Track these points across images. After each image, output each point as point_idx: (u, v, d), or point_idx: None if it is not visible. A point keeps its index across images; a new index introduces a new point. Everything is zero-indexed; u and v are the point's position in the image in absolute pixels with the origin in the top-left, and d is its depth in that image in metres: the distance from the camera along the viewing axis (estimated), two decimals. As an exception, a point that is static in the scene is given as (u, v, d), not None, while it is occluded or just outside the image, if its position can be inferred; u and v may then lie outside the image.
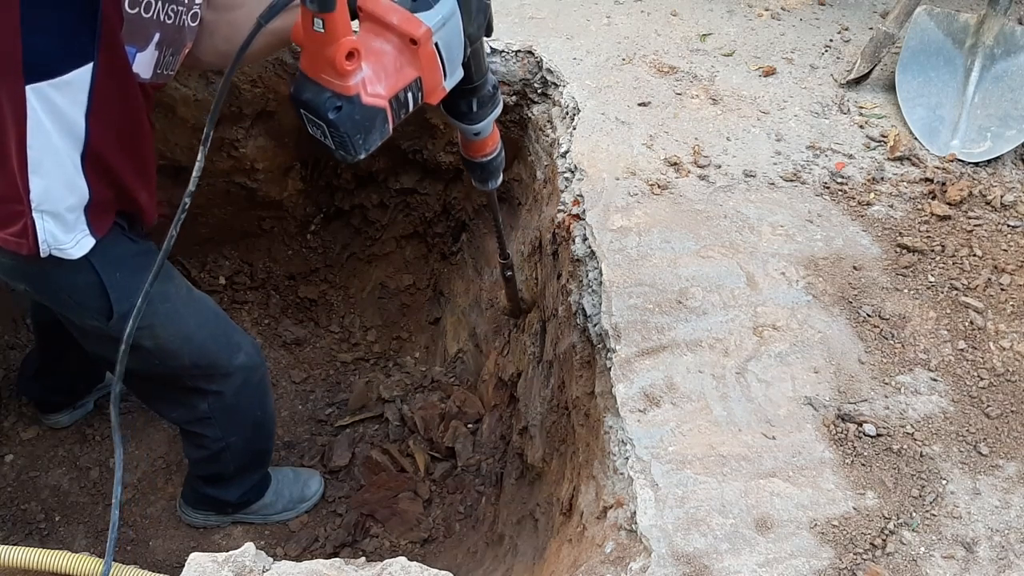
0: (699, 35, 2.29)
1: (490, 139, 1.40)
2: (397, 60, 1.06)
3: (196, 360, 1.68)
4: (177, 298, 1.62)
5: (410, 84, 1.08)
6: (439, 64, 1.10)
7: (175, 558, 2.18)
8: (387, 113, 1.08)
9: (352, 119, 1.05)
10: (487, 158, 1.44)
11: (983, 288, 1.70)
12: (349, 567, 1.26)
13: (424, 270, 2.78)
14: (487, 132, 1.37)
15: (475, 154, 1.43)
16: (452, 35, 1.08)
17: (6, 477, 2.26)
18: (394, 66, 1.06)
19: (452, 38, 1.09)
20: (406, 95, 1.09)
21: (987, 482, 1.38)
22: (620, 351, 1.52)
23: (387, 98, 1.06)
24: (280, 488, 2.25)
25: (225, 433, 1.88)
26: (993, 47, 2.08)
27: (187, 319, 1.64)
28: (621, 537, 1.31)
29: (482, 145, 1.41)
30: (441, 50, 1.09)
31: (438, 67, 1.10)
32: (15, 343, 2.47)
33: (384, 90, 1.06)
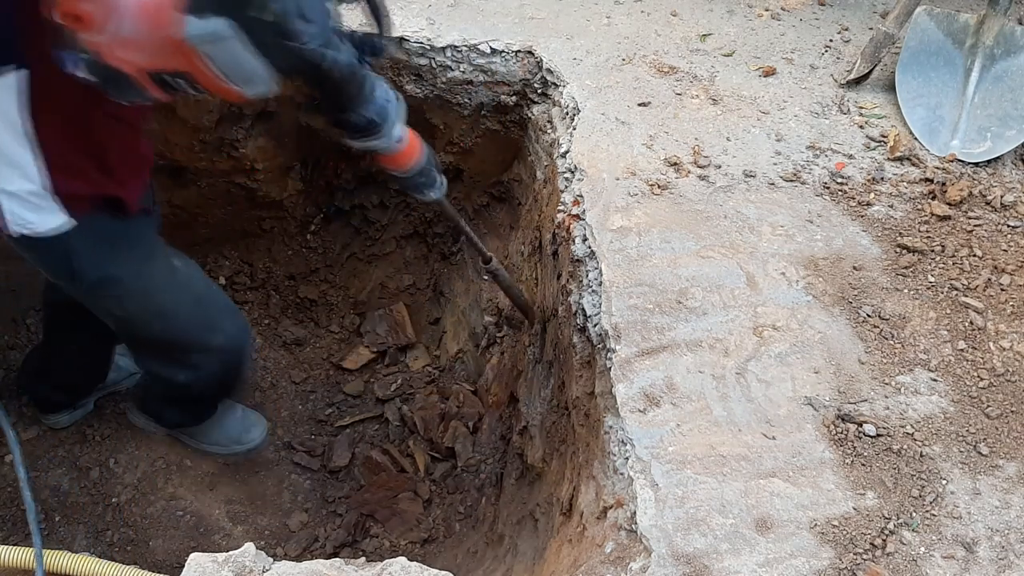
0: (699, 35, 2.29)
1: (412, 147, 1.36)
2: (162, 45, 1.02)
3: (170, 336, 1.76)
4: (152, 277, 1.67)
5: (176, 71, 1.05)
6: (213, 72, 1.05)
7: (175, 558, 2.18)
8: (139, 81, 1.06)
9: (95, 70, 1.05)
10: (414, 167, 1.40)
11: (983, 288, 1.70)
12: (349, 567, 1.26)
13: (424, 270, 2.78)
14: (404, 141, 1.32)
15: (400, 165, 1.39)
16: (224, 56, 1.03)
17: (6, 477, 2.26)
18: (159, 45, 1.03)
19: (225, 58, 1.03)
20: (174, 79, 1.07)
21: (987, 482, 1.38)
22: (620, 351, 1.52)
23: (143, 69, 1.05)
24: (221, 421, 2.27)
25: (192, 381, 1.94)
26: (993, 47, 2.08)
27: (162, 297, 1.70)
28: (621, 537, 1.31)
29: (405, 156, 1.37)
30: (213, 62, 1.04)
31: (211, 74, 1.05)
32: (15, 343, 2.47)
33: (140, 60, 1.04)
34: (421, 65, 2.13)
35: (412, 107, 2.23)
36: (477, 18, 2.20)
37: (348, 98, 1.21)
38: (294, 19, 1.01)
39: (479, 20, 2.19)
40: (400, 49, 2.12)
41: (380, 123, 1.27)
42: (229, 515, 2.30)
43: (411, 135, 1.35)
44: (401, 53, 2.12)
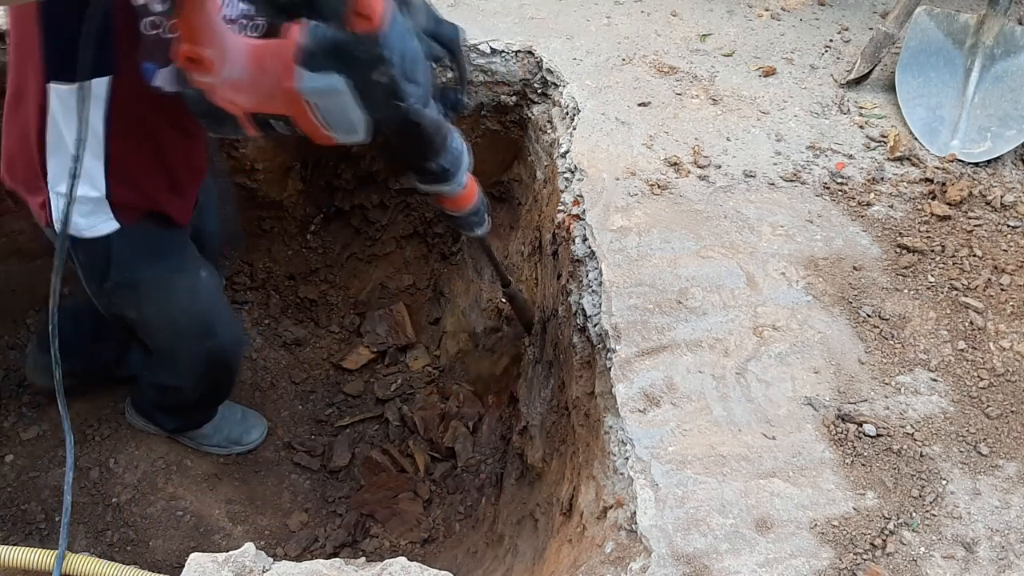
0: (699, 35, 2.29)
1: (470, 191, 1.44)
2: (273, 90, 1.09)
3: (168, 337, 1.83)
4: (176, 288, 1.72)
5: (277, 115, 1.13)
6: (314, 119, 1.12)
7: (175, 558, 2.18)
8: (240, 121, 1.14)
9: (199, 105, 1.12)
10: (470, 208, 1.48)
11: (983, 288, 1.70)
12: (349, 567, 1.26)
13: (424, 270, 2.77)
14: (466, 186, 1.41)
15: (459, 207, 1.47)
16: (332, 107, 1.10)
17: (6, 477, 2.26)
18: (267, 92, 1.10)
19: (332, 109, 1.10)
20: (269, 120, 1.14)
21: (987, 482, 1.38)
22: (620, 351, 1.52)
23: (246, 111, 1.12)
24: (221, 424, 2.30)
25: (184, 385, 2.00)
26: (993, 47, 2.08)
27: (178, 307, 1.75)
28: (621, 537, 1.31)
29: (464, 199, 1.45)
30: (319, 112, 1.11)
31: (313, 121, 1.12)
32: (15, 343, 2.47)
33: (244, 103, 1.11)
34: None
35: (412, 107, 2.25)
36: (477, 18, 2.20)
37: (430, 148, 1.27)
38: (403, 81, 1.08)
39: (479, 20, 2.19)
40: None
41: (452, 171, 1.34)
42: (229, 515, 2.30)
43: (470, 180, 1.44)
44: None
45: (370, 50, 1.03)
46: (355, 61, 1.05)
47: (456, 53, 1.22)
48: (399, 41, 1.06)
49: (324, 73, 1.06)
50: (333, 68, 1.06)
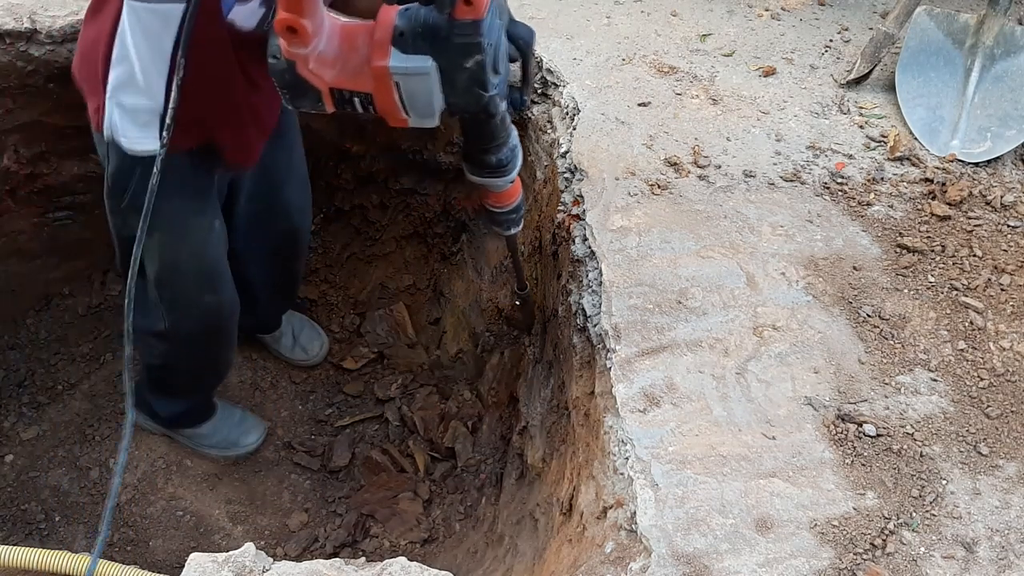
0: (699, 35, 2.29)
1: (515, 188, 1.47)
2: (361, 67, 1.12)
3: (171, 280, 1.81)
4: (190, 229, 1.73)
5: (358, 92, 1.15)
6: (396, 99, 1.14)
7: (175, 558, 2.18)
8: (323, 95, 1.15)
9: (282, 76, 1.14)
10: (512, 204, 1.52)
11: (983, 288, 1.70)
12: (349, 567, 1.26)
13: (424, 270, 2.77)
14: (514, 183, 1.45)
15: (503, 202, 1.50)
16: (417, 88, 1.12)
17: (6, 477, 2.26)
18: (355, 68, 1.12)
19: (416, 91, 1.13)
20: (351, 96, 1.15)
21: (987, 482, 1.38)
22: (620, 351, 1.52)
23: (329, 85, 1.13)
24: (219, 425, 2.30)
25: (175, 355, 1.99)
26: (993, 47, 2.08)
27: (185, 248, 1.76)
28: (621, 537, 1.31)
29: (509, 194, 1.48)
30: (402, 92, 1.13)
31: (394, 101, 1.14)
32: (15, 343, 2.47)
33: (330, 77, 1.13)
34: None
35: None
36: (477, 18, 2.19)
37: (492, 140, 1.32)
38: (490, 71, 1.12)
39: (479, 20, 2.19)
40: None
41: (509, 167, 1.39)
42: (229, 515, 2.30)
43: (518, 178, 1.47)
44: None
45: (468, 37, 1.06)
46: (450, 46, 1.08)
47: (526, 54, 1.25)
48: (495, 32, 1.09)
49: (416, 55, 1.09)
50: (426, 51, 1.09)
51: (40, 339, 2.49)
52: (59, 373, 2.45)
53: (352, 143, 2.47)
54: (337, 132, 2.41)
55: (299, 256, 2.31)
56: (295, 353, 2.55)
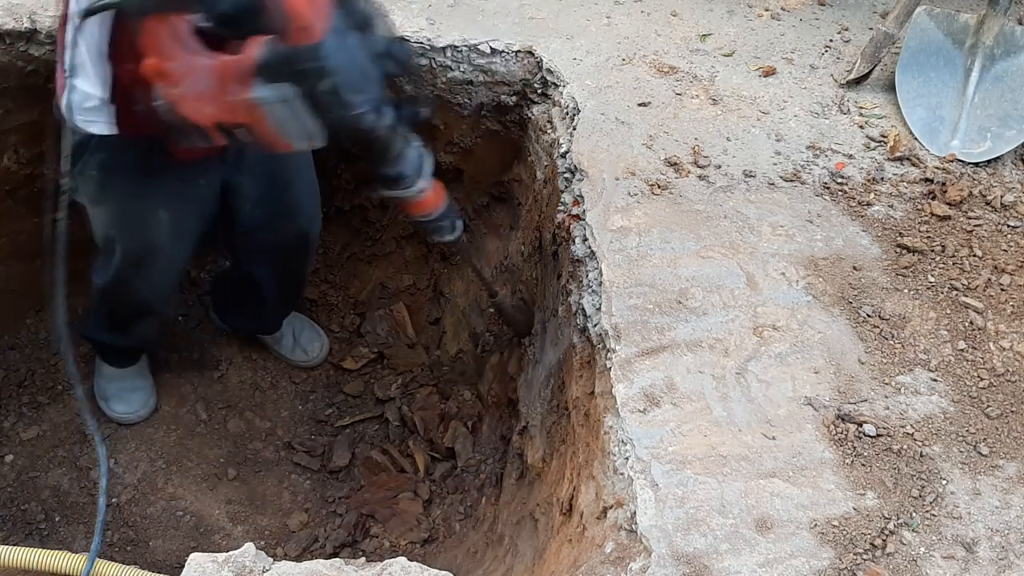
0: (699, 35, 2.29)
1: (433, 196, 1.52)
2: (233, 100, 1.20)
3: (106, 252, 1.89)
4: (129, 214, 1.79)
5: (238, 124, 1.23)
6: (270, 127, 1.21)
7: (175, 558, 2.18)
8: (208, 131, 1.25)
9: (168, 116, 1.23)
10: (436, 213, 1.56)
11: (983, 288, 1.70)
12: (349, 567, 1.26)
13: (424, 270, 2.77)
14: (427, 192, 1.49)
15: (423, 212, 1.55)
16: (284, 115, 1.19)
17: (6, 477, 2.26)
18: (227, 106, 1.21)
19: (284, 117, 1.20)
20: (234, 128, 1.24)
21: (987, 482, 1.38)
22: (620, 351, 1.52)
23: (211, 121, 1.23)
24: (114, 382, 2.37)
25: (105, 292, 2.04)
26: (993, 47, 2.08)
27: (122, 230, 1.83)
28: (621, 537, 1.31)
29: (426, 204, 1.53)
30: (274, 121, 1.20)
31: (269, 128, 1.21)
32: (15, 343, 2.47)
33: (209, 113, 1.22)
34: (421, 65, 2.13)
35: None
36: (477, 18, 2.20)
37: (385, 155, 1.38)
38: (347, 91, 1.17)
39: (479, 20, 2.19)
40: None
41: (411, 178, 1.44)
42: (229, 515, 2.30)
43: (436, 186, 1.51)
44: (401, 53, 2.12)
45: (312, 61, 1.13)
46: (301, 72, 1.15)
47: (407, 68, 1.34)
48: (341, 53, 1.14)
49: (277, 84, 1.17)
50: (286, 79, 1.16)
51: (40, 339, 2.49)
52: (59, 373, 2.45)
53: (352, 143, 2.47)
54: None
55: (307, 260, 2.33)
56: (295, 354, 2.55)
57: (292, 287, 2.40)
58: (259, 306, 2.40)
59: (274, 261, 2.20)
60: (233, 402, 2.49)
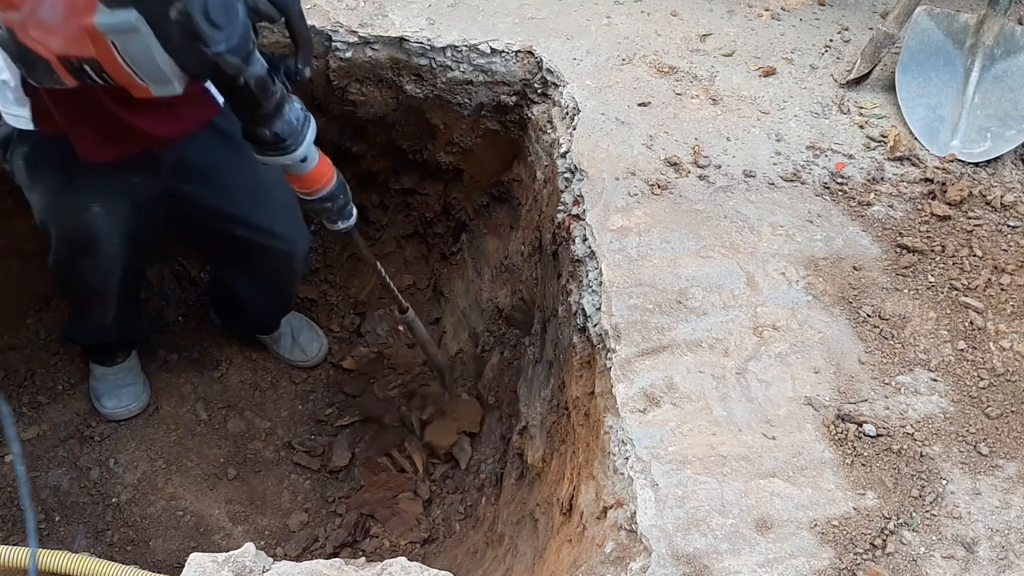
0: (699, 35, 2.29)
1: (319, 171, 1.34)
2: (78, 31, 1.05)
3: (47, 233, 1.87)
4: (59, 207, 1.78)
5: (86, 58, 1.08)
6: (121, 64, 1.07)
7: (175, 558, 2.18)
8: (54, 66, 1.09)
9: (8, 46, 1.09)
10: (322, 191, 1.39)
11: (983, 288, 1.70)
12: (349, 567, 1.26)
13: (424, 270, 2.77)
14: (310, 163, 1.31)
15: (308, 188, 1.37)
16: (133, 47, 1.05)
17: (6, 477, 2.26)
18: (75, 33, 1.06)
19: (134, 50, 1.05)
20: (81, 64, 1.09)
21: (987, 482, 1.38)
22: (620, 351, 1.52)
23: (56, 54, 1.08)
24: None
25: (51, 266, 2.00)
26: (993, 47, 2.08)
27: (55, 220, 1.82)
28: (621, 537, 1.31)
29: (312, 178, 1.35)
30: (122, 53, 1.06)
31: (119, 65, 1.07)
32: (15, 343, 2.47)
33: (55, 46, 1.07)
34: (421, 65, 2.13)
35: (412, 107, 2.26)
36: (477, 18, 2.20)
37: (257, 112, 1.20)
38: (200, 20, 1.02)
39: (479, 20, 2.19)
40: (400, 49, 2.12)
41: (289, 142, 1.26)
42: (229, 515, 2.30)
43: (322, 159, 1.34)
44: (401, 53, 2.12)
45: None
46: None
47: (289, 15, 1.15)
48: None
49: (121, 8, 1.02)
50: (131, 4, 1.02)
51: (40, 339, 2.49)
52: (59, 373, 2.45)
53: (352, 143, 2.47)
54: (337, 132, 2.41)
55: (292, 279, 2.32)
56: (294, 354, 2.56)
57: (278, 301, 2.41)
58: (247, 313, 2.42)
59: (257, 277, 2.21)
60: (233, 402, 2.49)
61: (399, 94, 2.22)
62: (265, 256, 2.07)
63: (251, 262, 2.12)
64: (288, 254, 2.09)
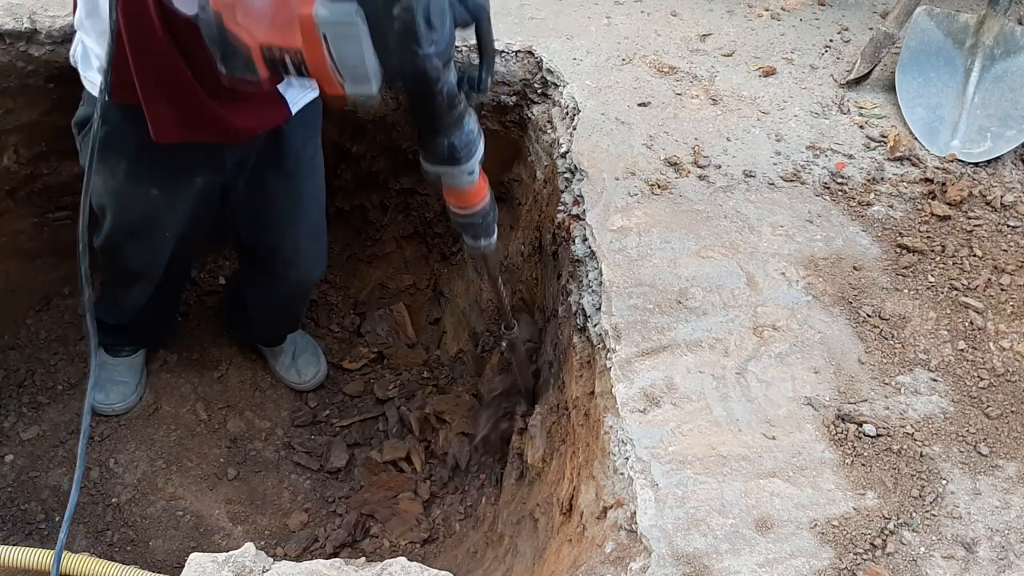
0: (699, 35, 2.29)
1: (479, 188, 1.34)
2: (289, 19, 1.03)
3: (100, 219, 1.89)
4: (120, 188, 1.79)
5: (290, 49, 1.05)
6: (326, 57, 1.05)
7: (175, 558, 2.18)
8: (253, 54, 1.07)
9: (210, 31, 1.07)
10: (477, 207, 1.37)
11: (983, 288, 1.70)
12: (349, 567, 1.26)
13: (424, 270, 2.77)
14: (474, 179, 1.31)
15: (465, 204, 1.36)
16: (346, 42, 1.03)
17: (6, 477, 2.26)
18: (283, 21, 1.04)
19: (345, 45, 1.04)
20: (283, 55, 1.06)
21: (987, 482, 1.38)
22: (620, 351, 1.52)
23: (258, 42, 1.06)
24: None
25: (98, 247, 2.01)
26: (993, 47, 2.08)
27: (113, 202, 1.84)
28: (621, 537, 1.31)
29: (472, 195, 1.34)
30: (331, 47, 1.04)
31: (324, 59, 1.05)
32: (15, 343, 2.47)
33: (260, 33, 1.05)
34: (421, 65, 2.13)
35: (412, 107, 2.25)
36: (477, 18, 2.19)
37: (442, 121, 1.20)
38: (420, 21, 1.01)
39: (479, 20, 2.19)
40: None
41: (463, 155, 1.25)
42: (229, 515, 2.30)
43: (482, 177, 1.33)
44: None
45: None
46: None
47: (481, 21, 1.14)
48: None
49: (343, 2, 1.01)
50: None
51: (40, 339, 2.49)
52: (59, 373, 2.45)
53: (352, 143, 2.47)
54: (337, 132, 2.41)
55: (302, 300, 2.36)
56: (289, 374, 2.52)
57: (285, 318, 2.44)
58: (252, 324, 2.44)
59: (270, 291, 2.23)
60: (233, 402, 2.49)
61: (399, 94, 2.22)
62: (283, 272, 2.10)
63: (268, 274, 2.14)
64: (306, 275, 2.15)
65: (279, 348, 2.50)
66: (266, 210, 1.94)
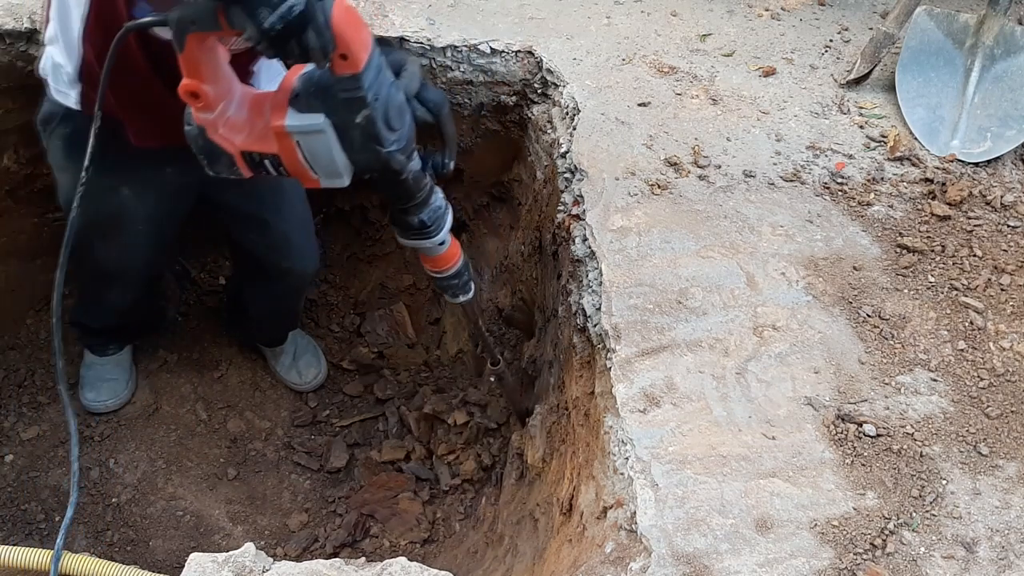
0: (699, 35, 2.29)
1: (451, 253, 1.49)
2: (265, 130, 1.18)
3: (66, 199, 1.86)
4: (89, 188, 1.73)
5: (267, 155, 1.20)
6: (300, 159, 1.18)
7: (175, 558, 2.18)
8: (236, 159, 1.21)
9: (196, 141, 1.21)
10: (451, 270, 1.52)
11: (983, 288, 1.70)
12: (349, 567, 1.26)
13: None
14: (446, 246, 1.45)
15: (440, 267, 1.52)
16: (316, 146, 1.17)
17: (6, 477, 2.26)
18: (260, 131, 1.18)
19: (316, 149, 1.17)
20: (262, 159, 1.21)
21: (987, 482, 1.38)
22: (620, 351, 1.52)
23: (239, 149, 1.20)
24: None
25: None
26: (993, 47, 2.08)
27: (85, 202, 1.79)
28: (621, 537, 1.31)
29: (445, 259, 1.49)
30: (304, 151, 1.17)
31: (299, 160, 1.19)
32: (15, 343, 2.47)
33: (239, 142, 1.19)
34: (421, 65, 2.13)
35: (412, 107, 2.25)
36: (477, 18, 2.20)
37: (409, 200, 1.34)
38: (381, 125, 1.14)
39: (479, 20, 2.19)
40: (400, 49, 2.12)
41: (432, 228, 1.40)
42: (229, 515, 2.30)
43: (453, 243, 1.48)
44: (401, 53, 2.13)
45: (351, 91, 1.10)
46: (337, 102, 1.12)
47: (440, 117, 1.27)
48: (380, 87, 1.12)
49: (311, 114, 1.14)
50: (320, 109, 1.14)
51: (40, 339, 2.49)
52: (59, 373, 2.45)
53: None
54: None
55: (298, 295, 2.35)
56: (290, 375, 2.52)
57: (283, 315, 2.43)
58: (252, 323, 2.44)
59: (266, 288, 2.23)
60: (233, 402, 2.49)
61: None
62: (277, 267, 2.11)
63: (263, 272, 2.15)
64: (300, 268, 2.14)
65: (280, 349, 2.50)
66: (251, 204, 1.94)
